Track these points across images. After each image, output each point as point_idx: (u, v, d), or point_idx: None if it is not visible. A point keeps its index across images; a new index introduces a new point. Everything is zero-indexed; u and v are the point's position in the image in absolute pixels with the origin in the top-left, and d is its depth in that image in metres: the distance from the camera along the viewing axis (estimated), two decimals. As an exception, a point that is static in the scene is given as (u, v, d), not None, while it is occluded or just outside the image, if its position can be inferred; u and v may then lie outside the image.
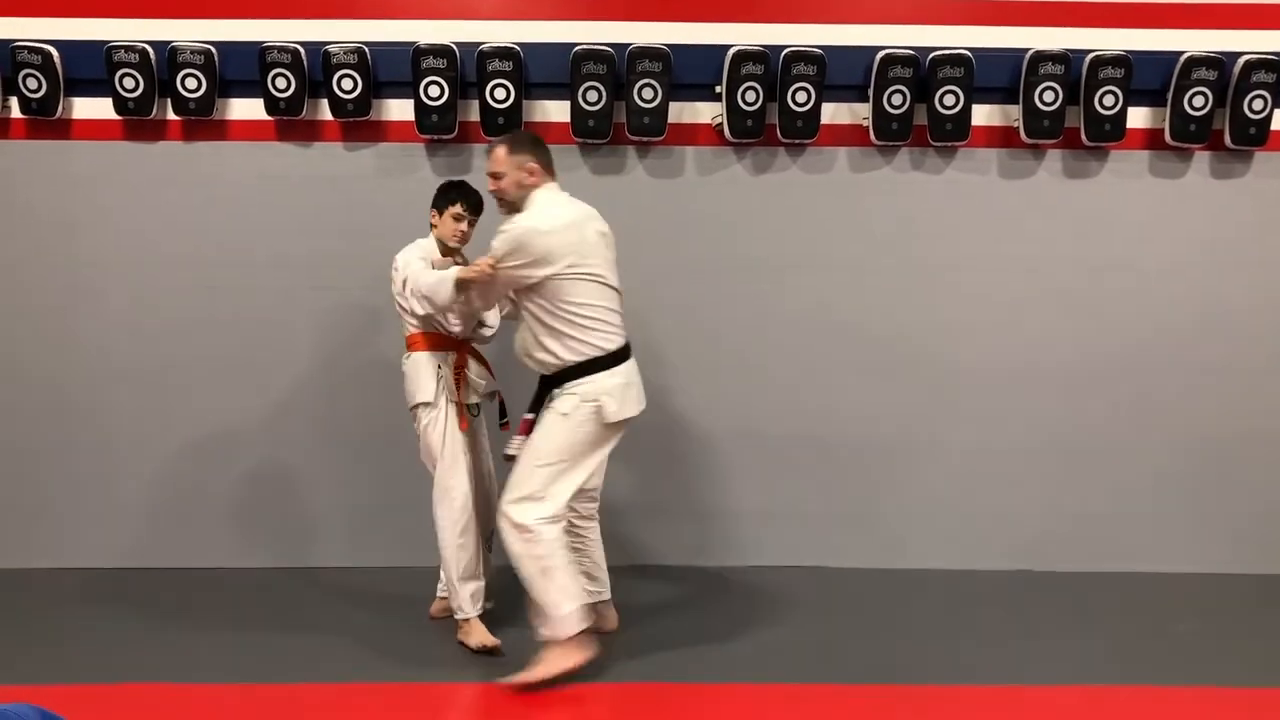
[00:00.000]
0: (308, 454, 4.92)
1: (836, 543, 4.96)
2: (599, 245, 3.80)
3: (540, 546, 3.70)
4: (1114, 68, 4.62)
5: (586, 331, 3.74)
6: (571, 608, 3.71)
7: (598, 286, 3.76)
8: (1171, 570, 4.90)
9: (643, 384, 3.91)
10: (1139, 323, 4.89)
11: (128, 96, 4.64)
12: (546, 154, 3.86)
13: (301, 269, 4.82)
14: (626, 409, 3.79)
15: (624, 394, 3.78)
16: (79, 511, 4.91)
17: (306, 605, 4.49)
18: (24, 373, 4.86)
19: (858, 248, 4.86)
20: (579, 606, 3.74)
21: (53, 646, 4.06)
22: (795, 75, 4.60)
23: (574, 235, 3.73)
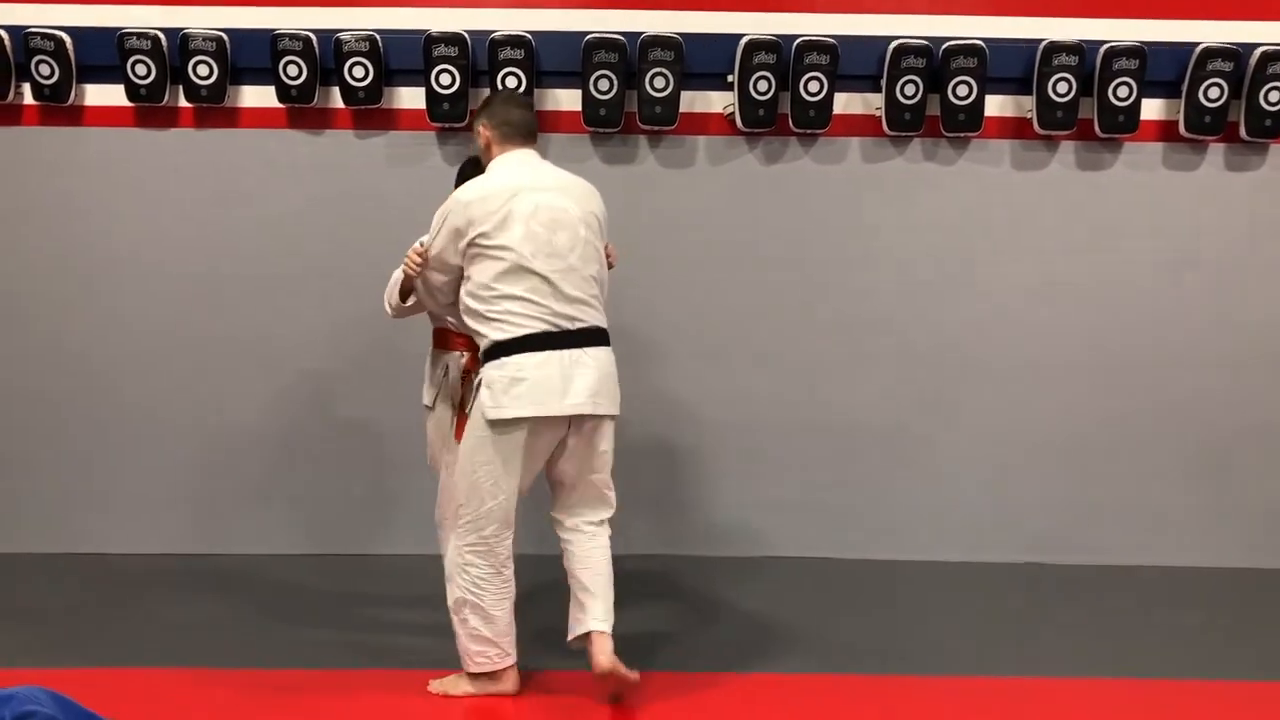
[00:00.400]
0: (318, 442, 4.92)
1: (844, 534, 4.96)
2: (533, 220, 3.31)
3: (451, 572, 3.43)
4: (1128, 59, 4.59)
5: (481, 320, 3.35)
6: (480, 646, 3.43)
7: (504, 266, 3.29)
8: (1181, 564, 4.89)
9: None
10: (1151, 316, 4.87)
11: (139, 83, 4.64)
12: (514, 114, 3.52)
13: (312, 256, 4.83)
14: (512, 406, 3.27)
15: (509, 388, 3.27)
16: (90, 497, 4.92)
17: (330, 591, 4.50)
18: (35, 358, 4.87)
19: (869, 239, 4.85)
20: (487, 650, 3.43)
21: (64, 630, 4.08)
22: (808, 65, 4.58)
23: (495, 204, 3.31)
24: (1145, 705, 3.60)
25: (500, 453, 3.32)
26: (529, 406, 3.27)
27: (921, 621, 4.29)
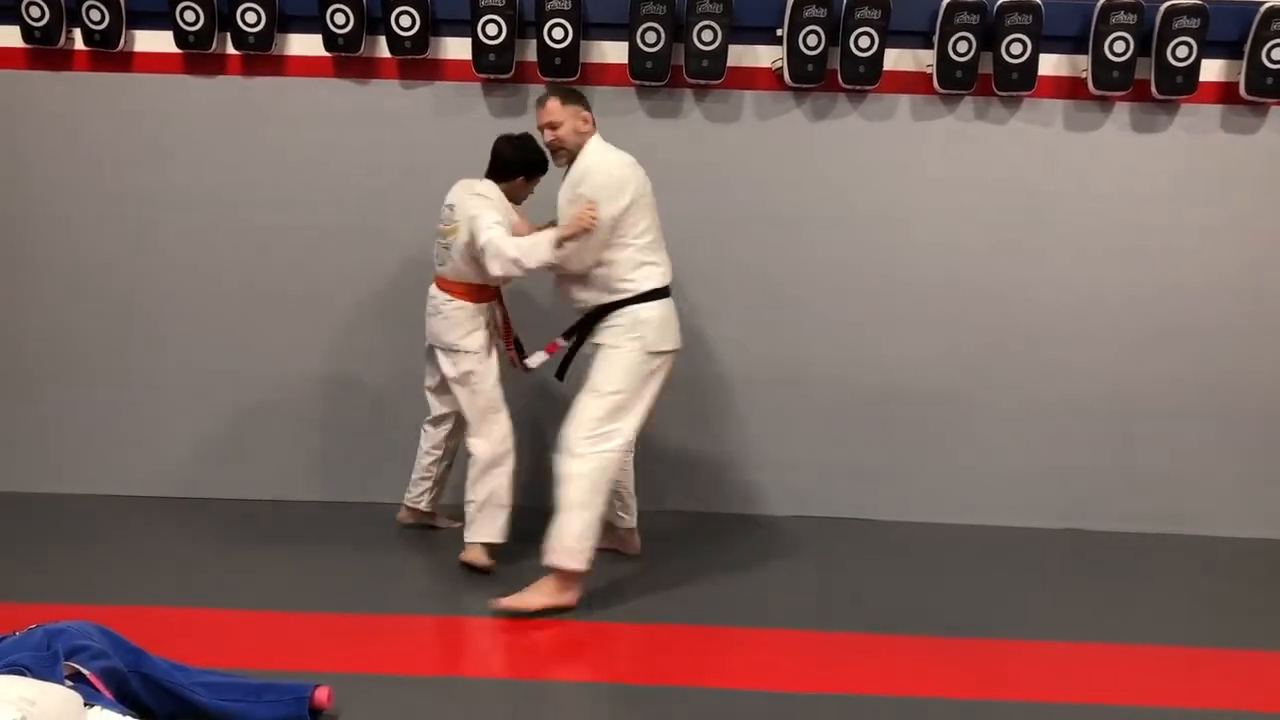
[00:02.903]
0: (363, 390, 4.96)
1: (883, 495, 4.95)
2: (647, 191, 3.95)
3: (597, 476, 3.83)
4: (1190, 18, 4.49)
5: (637, 268, 3.90)
6: (589, 545, 3.83)
7: (645, 226, 3.92)
8: (1223, 534, 4.84)
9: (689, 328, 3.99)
10: (1202, 282, 4.78)
11: (188, 30, 4.66)
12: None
13: (357, 206, 4.84)
14: (665, 340, 3.94)
15: (663, 327, 3.93)
16: (126, 440, 5.00)
17: (350, 537, 4.57)
18: (77, 301, 4.93)
19: (917, 197, 4.79)
20: (593, 548, 3.87)
21: (111, 569, 4.17)
22: (859, 20, 4.51)
23: (636, 170, 3.91)
24: (1182, 673, 3.59)
25: (649, 379, 3.92)
26: (674, 342, 3.99)
27: (955, 585, 4.28)
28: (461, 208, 4.14)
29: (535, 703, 3.37)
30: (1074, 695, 3.38)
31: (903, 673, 3.51)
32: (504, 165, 4.24)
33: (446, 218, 4.20)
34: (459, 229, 4.13)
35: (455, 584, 4.13)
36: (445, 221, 4.21)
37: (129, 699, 2.88)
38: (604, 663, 3.66)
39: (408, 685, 3.32)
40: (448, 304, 4.24)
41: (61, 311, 4.95)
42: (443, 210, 4.23)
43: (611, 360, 3.90)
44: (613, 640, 3.77)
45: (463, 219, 4.11)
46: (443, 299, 4.25)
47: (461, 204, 4.15)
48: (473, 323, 4.23)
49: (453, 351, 4.23)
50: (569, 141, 3.92)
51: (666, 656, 3.64)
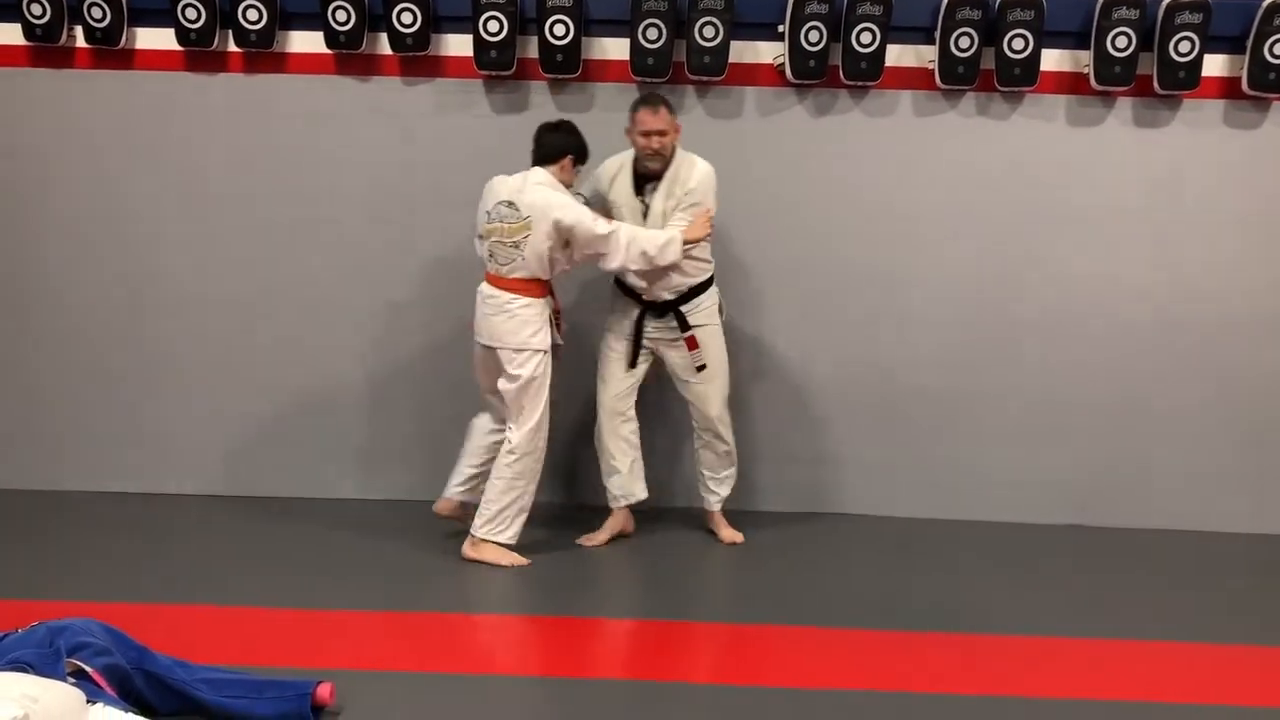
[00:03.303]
0: (366, 386, 4.97)
1: (885, 490, 4.95)
2: None
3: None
4: (1191, 13, 4.47)
5: (705, 261, 4.38)
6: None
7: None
8: (1228, 530, 4.83)
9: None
10: (1205, 278, 4.78)
11: (190, 27, 4.66)
12: None
13: (358, 203, 4.84)
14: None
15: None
16: (127, 436, 5.00)
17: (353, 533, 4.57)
18: (78, 298, 4.93)
19: (919, 193, 4.78)
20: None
21: (114, 566, 4.18)
22: (860, 15, 4.51)
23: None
24: (1186, 668, 3.59)
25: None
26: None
27: (956, 580, 4.28)
28: (529, 204, 4.08)
29: (536, 699, 3.37)
30: (1077, 691, 3.37)
31: (901, 668, 3.50)
32: (554, 149, 4.18)
33: (505, 215, 4.11)
34: (530, 225, 4.07)
35: (459, 579, 4.13)
36: (502, 220, 4.12)
37: (131, 696, 2.89)
38: (605, 659, 3.66)
39: (410, 682, 3.31)
40: (516, 304, 4.16)
41: (64, 308, 4.95)
42: (495, 209, 4.15)
43: (717, 337, 4.43)
44: (613, 636, 3.78)
45: (536, 215, 4.07)
46: (507, 298, 4.16)
47: (527, 200, 4.09)
48: (542, 319, 4.20)
49: (521, 351, 4.16)
50: (667, 151, 4.22)
51: (664, 653, 3.65)
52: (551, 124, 4.26)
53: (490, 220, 4.17)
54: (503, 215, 4.13)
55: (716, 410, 4.46)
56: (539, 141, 4.23)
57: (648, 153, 4.21)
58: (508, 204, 4.12)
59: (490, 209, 4.17)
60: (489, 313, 4.20)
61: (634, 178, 4.32)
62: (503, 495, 4.21)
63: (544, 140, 4.22)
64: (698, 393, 4.46)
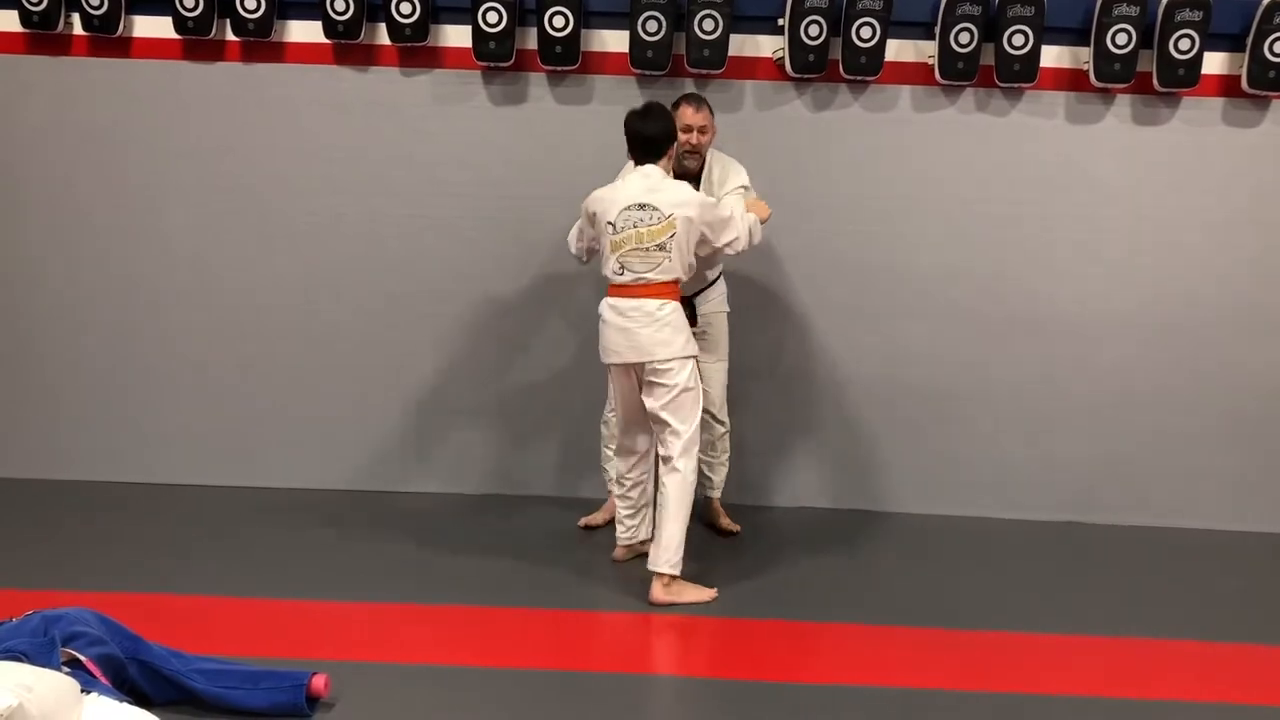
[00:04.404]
0: (364, 378, 4.96)
1: (881, 487, 4.96)
2: None
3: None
4: (1191, 10, 4.47)
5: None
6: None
7: None
8: (1221, 528, 4.84)
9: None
10: (1202, 275, 4.78)
11: (188, 16, 4.64)
12: None
13: (355, 193, 4.83)
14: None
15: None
16: (127, 425, 4.99)
17: (352, 525, 4.57)
18: (76, 287, 4.92)
19: (918, 188, 4.78)
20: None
21: (109, 555, 4.18)
22: (860, 10, 4.50)
23: None
24: (1182, 666, 3.60)
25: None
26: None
27: (953, 577, 4.28)
28: (669, 202, 3.85)
29: (530, 691, 3.37)
30: (1071, 688, 3.38)
31: (898, 664, 3.51)
32: (662, 140, 3.93)
33: (641, 220, 3.84)
34: (675, 223, 3.83)
35: (455, 571, 4.13)
36: (637, 225, 3.85)
37: (126, 685, 2.89)
38: (604, 652, 3.66)
39: (404, 673, 3.32)
40: (666, 310, 3.90)
41: (62, 296, 4.94)
42: (622, 217, 3.85)
43: (725, 322, 4.49)
44: (613, 629, 3.78)
45: (680, 211, 3.84)
46: (655, 305, 3.89)
47: (665, 199, 3.85)
48: (686, 324, 3.98)
49: (678, 360, 3.90)
50: (705, 149, 4.24)
51: (664, 647, 3.66)
52: (640, 111, 3.97)
53: (618, 231, 3.88)
54: (637, 220, 3.86)
55: (717, 390, 4.48)
56: (645, 137, 3.92)
57: (687, 148, 4.16)
58: (639, 207, 3.85)
59: (615, 219, 3.88)
60: (635, 326, 3.90)
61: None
62: (676, 520, 3.92)
63: (651, 134, 3.92)
64: (702, 371, 4.24)
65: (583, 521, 4.61)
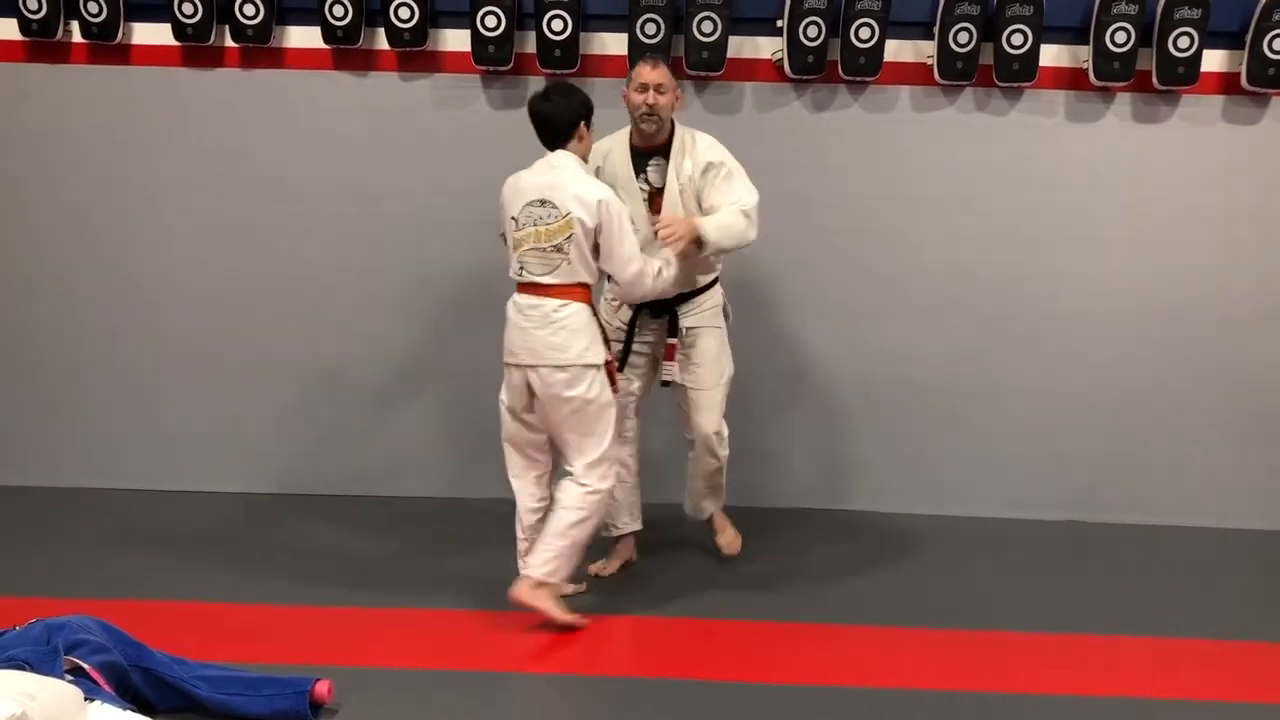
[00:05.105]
0: (358, 382, 4.96)
1: (883, 487, 4.95)
2: None
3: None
4: (1190, 8, 4.46)
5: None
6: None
7: None
8: (1224, 525, 4.83)
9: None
10: (1205, 271, 4.77)
11: (187, 22, 4.64)
12: None
13: (355, 198, 4.83)
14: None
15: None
16: (130, 432, 5.00)
17: (349, 530, 4.57)
18: (77, 295, 4.93)
19: (918, 188, 4.77)
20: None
21: (111, 562, 4.18)
22: (859, 11, 4.49)
23: None
24: (1185, 665, 3.59)
25: None
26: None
27: (955, 577, 4.28)
28: (569, 198, 3.55)
29: (535, 696, 3.37)
30: (1074, 688, 3.38)
31: (902, 665, 3.51)
32: (565, 121, 3.64)
33: (540, 217, 3.57)
34: (573, 222, 3.55)
35: (458, 576, 4.12)
36: (536, 223, 3.58)
37: (129, 693, 2.89)
38: (611, 656, 3.66)
39: (408, 679, 3.32)
40: (563, 311, 3.59)
41: (62, 304, 4.94)
42: (524, 213, 3.60)
43: (721, 340, 4.08)
44: (612, 632, 3.77)
45: (579, 208, 3.55)
46: (554, 306, 3.58)
47: (566, 194, 3.56)
48: (592, 328, 3.64)
49: (575, 367, 3.59)
50: (665, 111, 3.82)
51: (663, 650, 3.65)
52: (542, 93, 3.72)
53: (520, 227, 3.62)
54: (537, 218, 3.58)
55: (712, 422, 4.03)
56: (542, 119, 3.66)
57: (643, 109, 3.79)
58: (539, 203, 3.58)
59: (517, 214, 3.63)
60: (530, 326, 3.61)
61: (632, 156, 3.93)
62: (561, 536, 3.64)
63: (548, 115, 3.65)
64: (692, 399, 4.02)
65: (593, 570, 4.15)
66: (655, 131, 3.85)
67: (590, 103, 3.72)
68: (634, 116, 3.87)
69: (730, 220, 3.81)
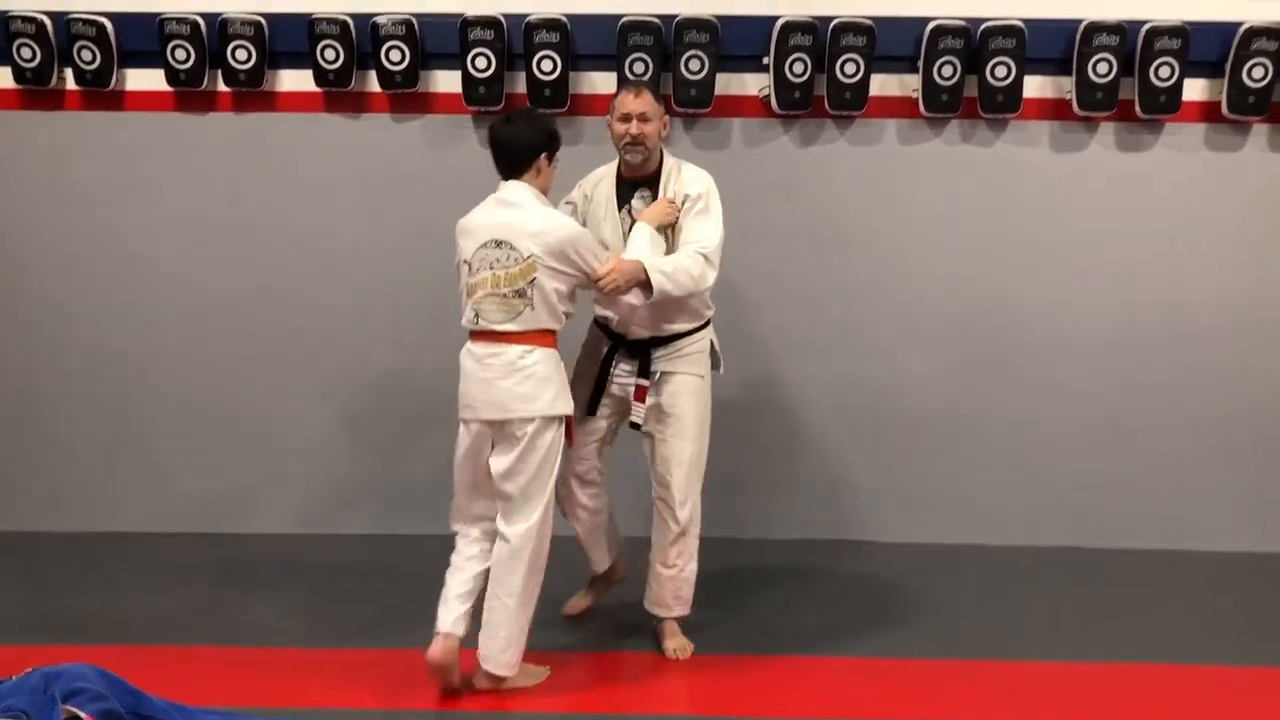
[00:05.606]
0: (360, 422, 4.97)
1: (880, 516, 4.96)
2: None
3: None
4: (1170, 38, 4.53)
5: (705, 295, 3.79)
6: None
7: None
8: (1225, 549, 4.84)
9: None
10: (1193, 297, 4.81)
11: (179, 68, 4.68)
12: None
13: (349, 240, 4.86)
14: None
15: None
16: (123, 477, 5.00)
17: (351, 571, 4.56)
18: (73, 340, 4.95)
19: (906, 220, 4.82)
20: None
21: (108, 608, 4.16)
22: (844, 46, 4.55)
23: None
24: (1184, 690, 3.59)
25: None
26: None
27: (957, 606, 4.28)
28: (530, 235, 3.31)
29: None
30: (1078, 716, 3.37)
31: (908, 697, 3.51)
32: (522, 150, 3.40)
33: (497, 260, 3.34)
34: (534, 265, 3.31)
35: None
36: (493, 266, 3.34)
37: (127, 740, 2.87)
38: (602, 693, 3.65)
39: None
40: (529, 359, 3.35)
41: (57, 348, 4.96)
42: (478, 256, 3.38)
43: (697, 391, 3.72)
44: (610, 668, 3.77)
45: (547, 250, 3.31)
46: (518, 353, 3.35)
47: (520, 234, 3.32)
48: (560, 374, 3.43)
49: (540, 419, 3.36)
50: (650, 140, 3.60)
51: (655, 684, 3.65)
52: (506, 117, 3.50)
53: (474, 272, 3.37)
54: (494, 260, 3.34)
55: (675, 477, 3.66)
56: (500, 144, 3.41)
57: (627, 139, 3.58)
58: (495, 244, 3.34)
59: (470, 258, 3.39)
60: (492, 376, 3.37)
61: (619, 186, 3.73)
62: (519, 612, 3.42)
63: (507, 140, 3.41)
64: (661, 452, 3.69)
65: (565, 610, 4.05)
66: (642, 161, 3.65)
67: (558, 136, 3.52)
68: (618, 147, 3.68)
69: (685, 264, 3.52)
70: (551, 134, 3.48)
